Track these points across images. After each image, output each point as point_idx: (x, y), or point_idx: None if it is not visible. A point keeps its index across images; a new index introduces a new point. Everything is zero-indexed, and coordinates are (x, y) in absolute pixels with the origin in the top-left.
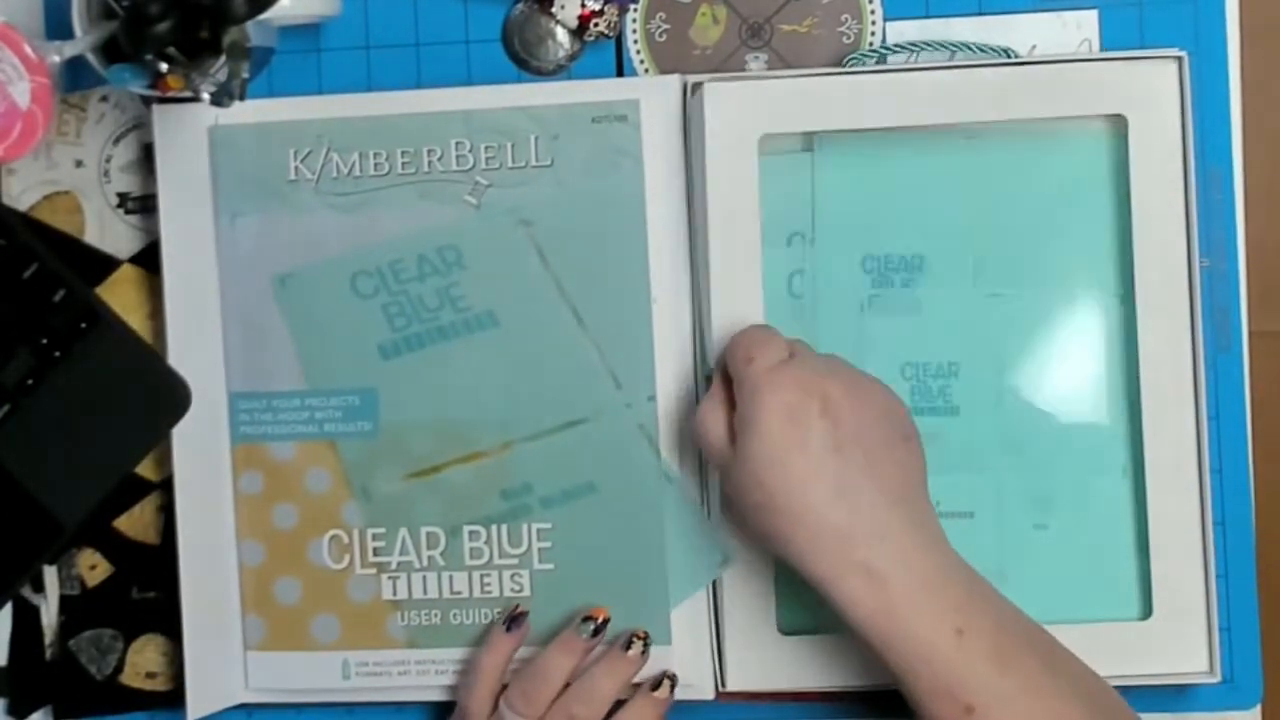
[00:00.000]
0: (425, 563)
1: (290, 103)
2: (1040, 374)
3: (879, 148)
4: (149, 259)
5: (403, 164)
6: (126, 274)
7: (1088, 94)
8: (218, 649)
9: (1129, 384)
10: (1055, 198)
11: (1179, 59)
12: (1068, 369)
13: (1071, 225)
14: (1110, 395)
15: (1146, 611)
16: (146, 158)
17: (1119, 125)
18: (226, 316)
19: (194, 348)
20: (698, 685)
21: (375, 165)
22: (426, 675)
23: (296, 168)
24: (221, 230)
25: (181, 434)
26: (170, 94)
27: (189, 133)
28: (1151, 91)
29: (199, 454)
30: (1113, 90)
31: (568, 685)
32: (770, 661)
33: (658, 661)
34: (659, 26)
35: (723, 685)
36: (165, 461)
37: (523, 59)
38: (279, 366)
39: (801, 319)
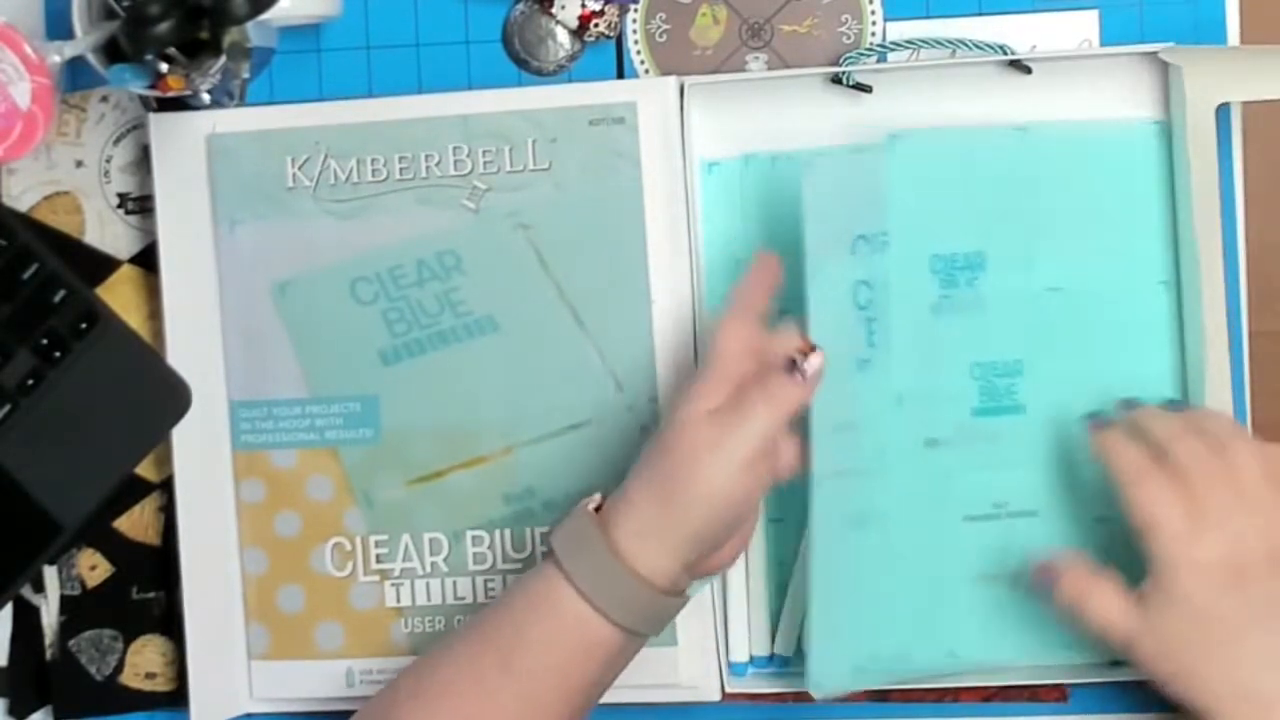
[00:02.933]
0: (428, 569)
1: (287, 110)
2: (1101, 366)
3: (946, 143)
4: (149, 259)
5: (400, 170)
6: (126, 274)
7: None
8: (222, 658)
9: (1180, 372)
10: (1103, 186)
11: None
12: (1127, 360)
13: (1119, 213)
14: (1164, 384)
15: None
16: (146, 158)
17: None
18: (226, 324)
19: (194, 356)
20: (703, 686)
21: (373, 171)
22: None
23: (294, 175)
24: (220, 238)
25: (182, 442)
26: (170, 94)
27: (187, 141)
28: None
29: (200, 463)
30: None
31: None
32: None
33: (662, 662)
34: (659, 27)
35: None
36: (165, 462)
37: (523, 59)
38: (280, 374)
39: (872, 327)
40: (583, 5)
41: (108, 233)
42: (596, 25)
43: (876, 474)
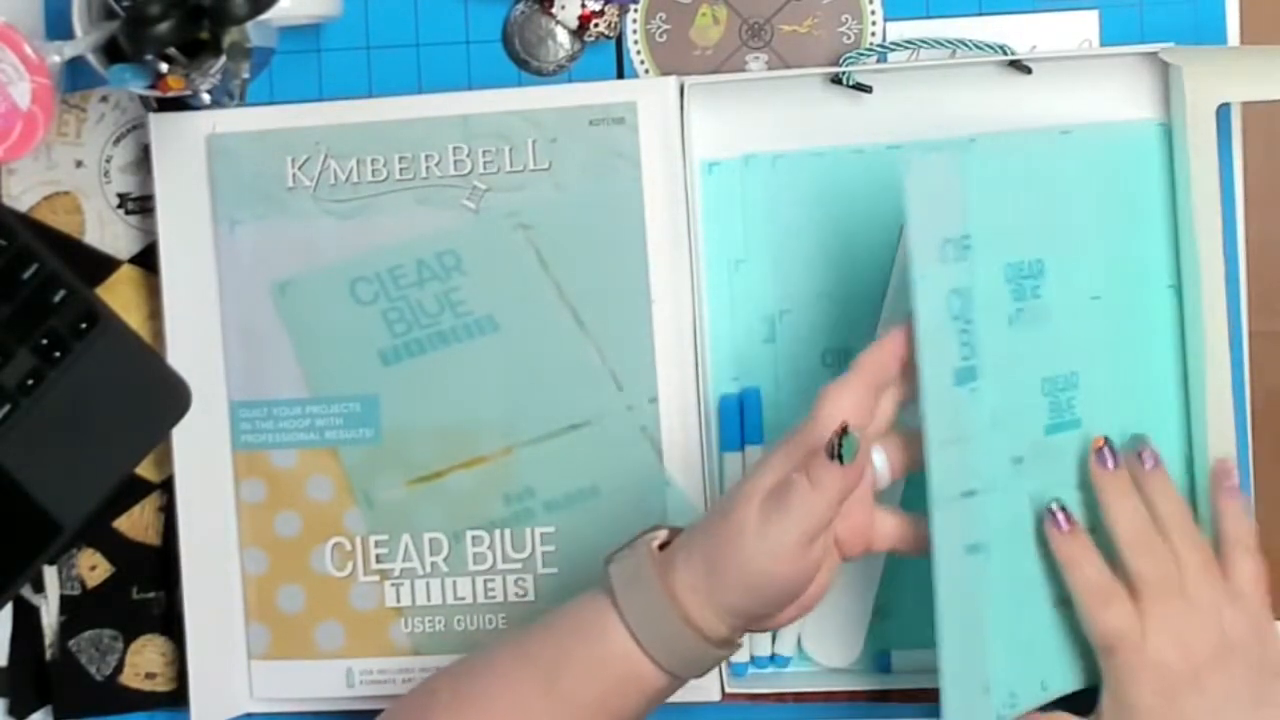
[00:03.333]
0: (428, 569)
1: (287, 110)
2: (1134, 375)
3: (1014, 145)
4: (149, 259)
5: (400, 170)
6: (126, 274)
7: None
8: (222, 658)
9: (1185, 378)
10: (1135, 189)
11: None
12: (1154, 367)
13: (1146, 217)
14: (1179, 390)
15: None
16: (146, 158)
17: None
18: (226, 324)
19: (194, 356)
20: (703, 687)
21: (373, 171)
22: None
23: (294, 175)
24: (220, 238)
25: (182, 443)
26: (170, 94)
27: (187, 141)
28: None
29: (200, 463)
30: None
31: None
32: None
33: None
34: (659, 27)
35: (727, 686)
36: (165, 462)
37: (523, 59)
38: (280, 374)
39: (964, 339)
40: (583, 5)
41: (108, 233)
42: (596, 25)
43: (983, 494)
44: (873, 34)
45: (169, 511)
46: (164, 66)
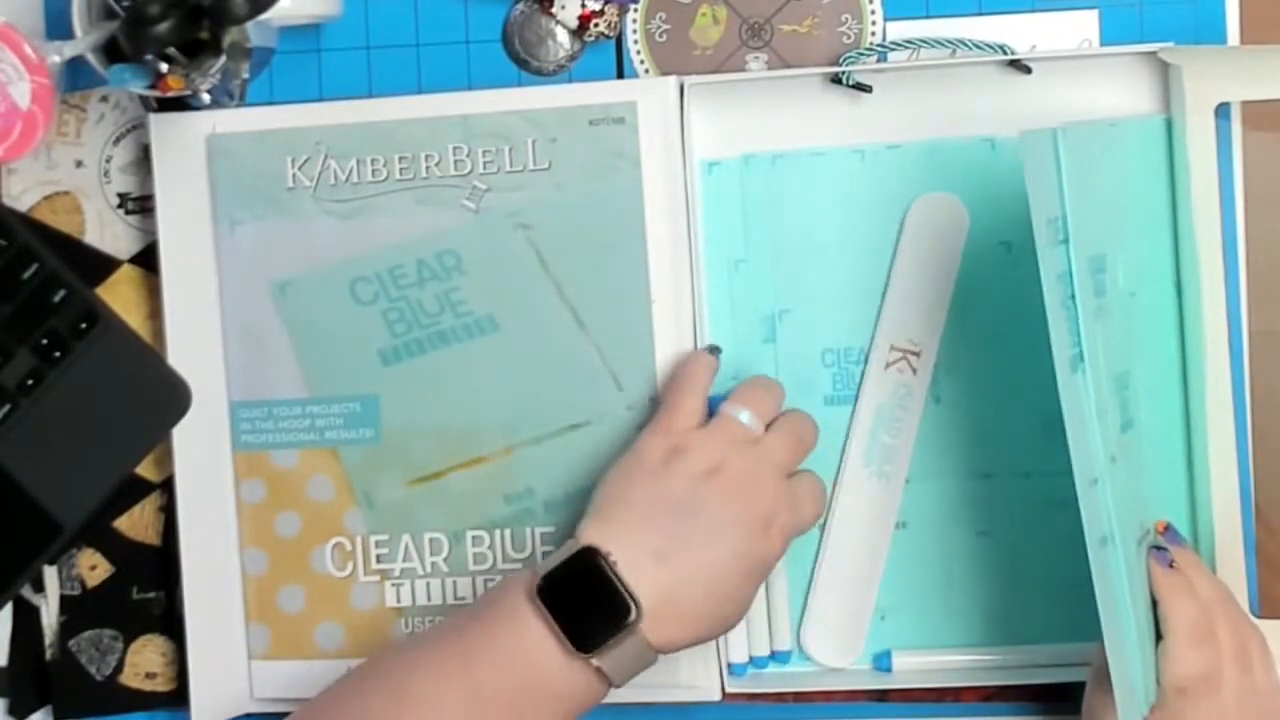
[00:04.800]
0: (429, 569)
1: (287, 110)
2: (1161, 375)
3: (1094, 136)
4: (149, 259)
5: (400, 170)
6: (126, 274)
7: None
8: (222, 658)
9: (1181, 372)
10: (1164, 184)
11: None
12: (1169, 368)
13: (1169, 213)
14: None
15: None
16: (146, 158)
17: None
18: (226, 324)
19: (194, 356)
20: (704, 686)
21: (373, 171)
22: None
23: (294, 175)
24: (220, 238)
25: (182, 443)
26: (170, 94)
27: (187, 141)
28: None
29: (200, 463)
30: None
31: None
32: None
33: (662, 662)
34: (659, 27)
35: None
36: (166, 462)
37: (523, 59)
38: (280, 374)
39: (1071, 326)
40: (583, 5)
41: (108, 233)
42: (596, 25)
43: (1101, 485)
44: (873, 34)
45: (169, 511)
46: (164, 66)
